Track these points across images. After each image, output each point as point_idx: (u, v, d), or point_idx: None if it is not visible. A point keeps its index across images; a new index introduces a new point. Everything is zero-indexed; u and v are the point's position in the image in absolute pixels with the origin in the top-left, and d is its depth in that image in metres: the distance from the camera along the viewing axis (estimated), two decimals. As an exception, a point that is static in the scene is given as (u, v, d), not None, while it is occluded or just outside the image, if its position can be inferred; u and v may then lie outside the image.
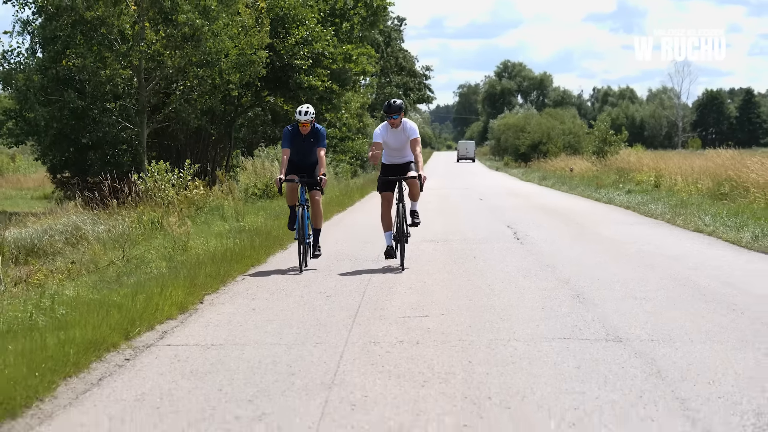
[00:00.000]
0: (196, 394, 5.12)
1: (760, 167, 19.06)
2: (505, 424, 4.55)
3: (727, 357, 6.01)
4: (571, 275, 9.79)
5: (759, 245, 12.74)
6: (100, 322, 6.41)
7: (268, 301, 8.26)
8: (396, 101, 10.47)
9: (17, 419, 4.69)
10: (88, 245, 13.19)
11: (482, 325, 7.04)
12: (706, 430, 4.44)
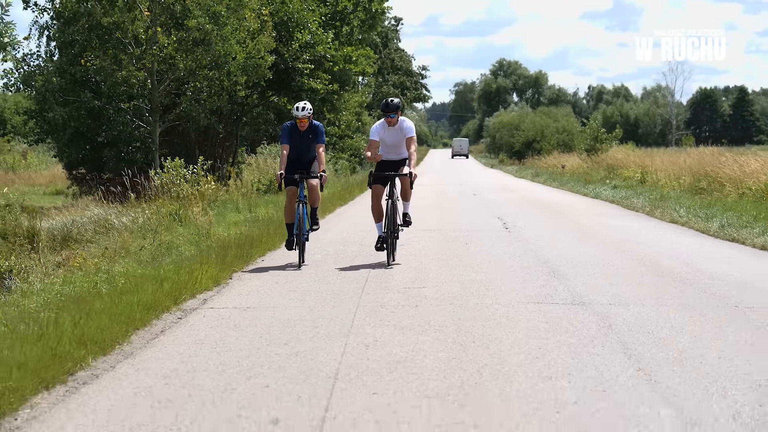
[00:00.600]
0: (242, 340, 6.50)
1: (733, 163, 20.47)
2: (483, 357, 5.92)
3: (668, 316, 7.39)
4: (550, 257, 11.18)
5: (724, 233, 14.13)
6: (154, 290, 7.79)
7: (287, 276, 9.64)
8: (393, 100, 10.59)
9: (107, 355, 6.06)
10: (117, 234, 14.56)
11: (470, 293, 8.43)
12: (636, 360, 5.82)
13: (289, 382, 5.30)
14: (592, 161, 41.33)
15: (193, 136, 25.50)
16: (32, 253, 13.41)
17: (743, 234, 13.61)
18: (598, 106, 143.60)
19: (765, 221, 14.25)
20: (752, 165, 19.75)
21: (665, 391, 5.10)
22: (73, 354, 5.65)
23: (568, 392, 5.09)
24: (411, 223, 11.09)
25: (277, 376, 5.41)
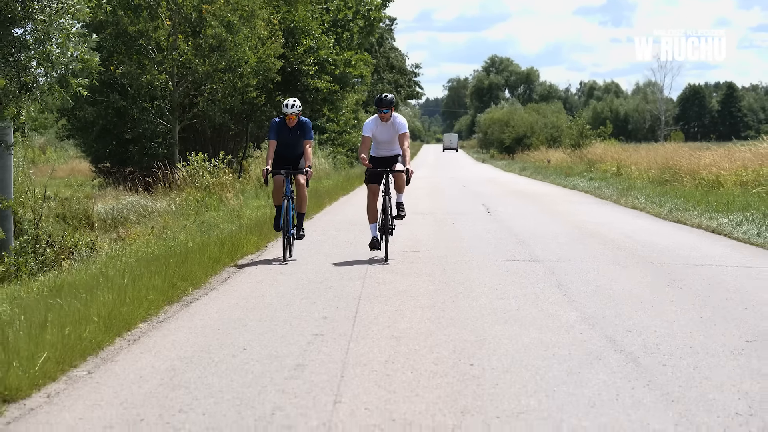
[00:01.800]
0: (289, 280, 9.12)
1: (690, 157, 23.17)
2: (459, 288, 8.57)
3: (597, 268, 10.05)
4: (520, 232, 13.85)
5: (671, 216, 16.81)
6: (217, 250, 10.42)
7: (313, 244, 12.26)
8: (387, 96, 10.68)
9: (198, 289, 8.68)
10: (159, 216, 17.19)
11: (453, 254, 11.10)
12: (564, 291, 8.46)
13: (329, 301, 7.94)
14: (576, 156, 43.99)
15: (209, 132, 28.09)
16: (90, 232, 16.02)
17: (685, 216, 16.28)
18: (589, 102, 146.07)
19: (705, 206, 16.92)
20: (707, 159, 22.45)
21: (577, 305, 7.76)
22: (179, 285, 8.29)
23: (513, 304, 7.75)
24: (405, 215, 11.19)
25: (319, 299, 8.05)
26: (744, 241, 12.87)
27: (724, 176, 20.82)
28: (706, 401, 4.89)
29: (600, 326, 6.86)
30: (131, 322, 6.82)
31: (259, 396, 4.96)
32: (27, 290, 8.11)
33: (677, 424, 4.49)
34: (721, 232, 14.02)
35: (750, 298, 8.15)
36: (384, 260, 10.45)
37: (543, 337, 6.47)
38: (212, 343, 6.29)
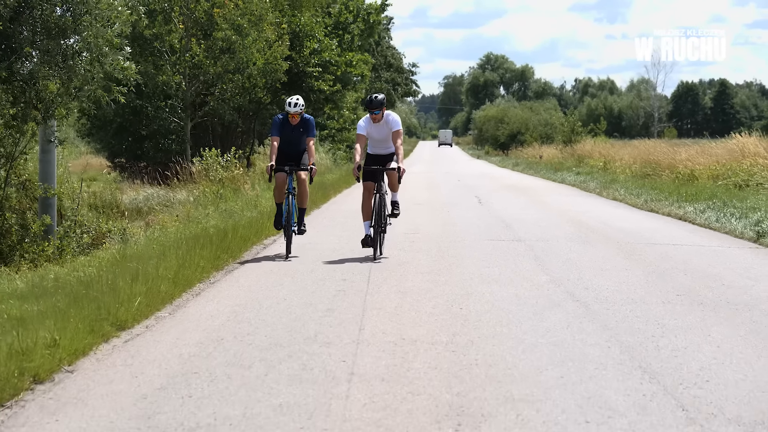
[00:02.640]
0: (310, 253, 10.87)
1: (668, 152, 24.95)
2: (452, 260, 10.33)
3: (570, 246, 11.81)
4: (506, 218, 15.62)
5: (646, 206, 18.59)
6: (246, 231, 12.17)
7: (326, 228, 14.00)
8: (377, 96, 10.67)
9: (236, 261, 10.43)
10: (180, 205, 18.93)
11: (448, 235, 12.86)
12: (540, 263, 10.21)
13: (345, 268, 9.69)
14: (567, 152, 45.76)
15: (219, 129, 29.83)
16: (121, 220, 17.75)
17: (658, 206, 18.06)
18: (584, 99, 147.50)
19: (676, 196, 18.68)
20: (683, 154, 24.24)
21: (548, 272, 9.52)
22: (222, 257, 10.06)
23: (496, 271, 9.51)
24: (399, 214, 11.27)
25: (338, 267, 9.80)
26: (704, 226, 14.64)
27: (699, 170, 22.59)
28: (633, 330, 6.65)
29: (563, 285, 8.62)
30: (191, 282, 8.57)
31: (303, 326, 6.72)
32: (98, 259, 9.85)
33: (608, 341, 6.25)
34: (686, 219, 15.80)
35: (691, 268, 9.92)
36: (374, 258, 10.45)
37: (517, 291, 8.24)
38: (259, 296, 8.04)
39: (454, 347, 6.04)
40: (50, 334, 5.70)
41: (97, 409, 4.69)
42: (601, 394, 4.93)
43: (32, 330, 5.71)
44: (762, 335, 6.49)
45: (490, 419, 4.50)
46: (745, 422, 4.47)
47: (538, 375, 5.34)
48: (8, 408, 4.73)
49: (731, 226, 13.84)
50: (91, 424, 4.43)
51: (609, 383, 5.16)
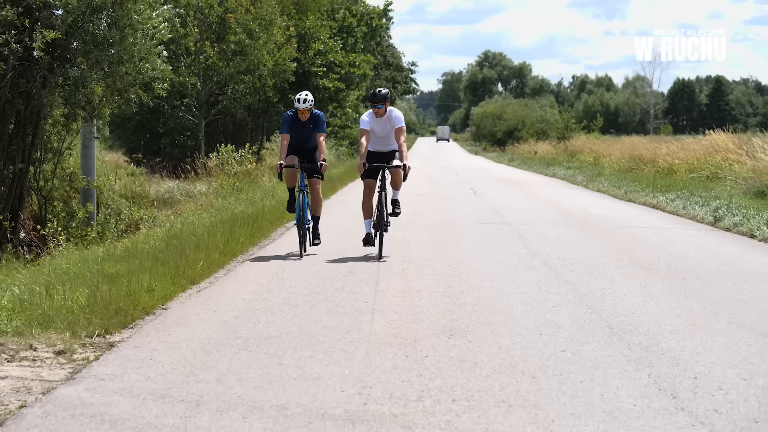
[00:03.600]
0: (329, 233, 12.81)
1: (650, 148, 26.90)
2: (449, 237, 12.26)
3: (551, 228, 13.74)
4: (498, 206, 17.56)
5: (625, 196, 20.53)
6: (272, 215, 14.10)
7: (338, 214, 15.94)
8: (381, 90, 10.53)
9: (267, 239, 12.36)
10: (203, 196, 20.86)
11: (445, 220, 14.80)
12: (524, 242, 12.14)
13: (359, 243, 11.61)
14: (560, 148, 47.68)
15: (231, 127, 31.76)
16: (151, 209, 19.65)
17: (636, 196, 20.00)
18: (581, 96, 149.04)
19: (653, 188, 20.61)
20: (663, 150, 26.19)
21: (527, 246, 11.45)
22: (256, 235, 12.00)
23: (485, 245, 11.44)
24: (400, 213, 11.15)
25: (353, 242, 11.73)
26: (672, 213, 16.59)
27: (677, 164, 24.53)
28: (587, 283, 8.58)
29: (539, 256, 10.56)
30: (235, 253, 10.52)
31: (332, 281, 8.66)
32: (152, 237, 11.77)
33: (566, 291, 8.18)
34: (658, 207, 17.74)
35: (649, 244, 11.87)
36: (378, 257, 10.31)
37: (501, 259, 10.19)
38: (291, 264, 9.98)
39: (448, 294, 7.98)
40: (147, 283, 7.63)
41: (194, 328, 6.62)
42: (554, 320, 6.87)
43: (133, 281, 7.64)
44: (686, 288, 8.42)
45: (473, 333, 6.44)
46: (651, 334, 6.40)
47: (510, 310, 7.28)
48: (131, 328, 6.66)
49: (694, 213, 15.78)
50: (194, 337, 6.35)
51: (561, 314, 7.10)
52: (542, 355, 5.79)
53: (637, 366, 5.51)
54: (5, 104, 13.61)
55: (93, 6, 14.15)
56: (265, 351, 5.89)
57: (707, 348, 5.99)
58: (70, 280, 7.76)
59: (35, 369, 5.55)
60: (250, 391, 4.96)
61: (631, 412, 4.59)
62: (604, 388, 5.03)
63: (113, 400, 4.83)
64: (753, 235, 12.77)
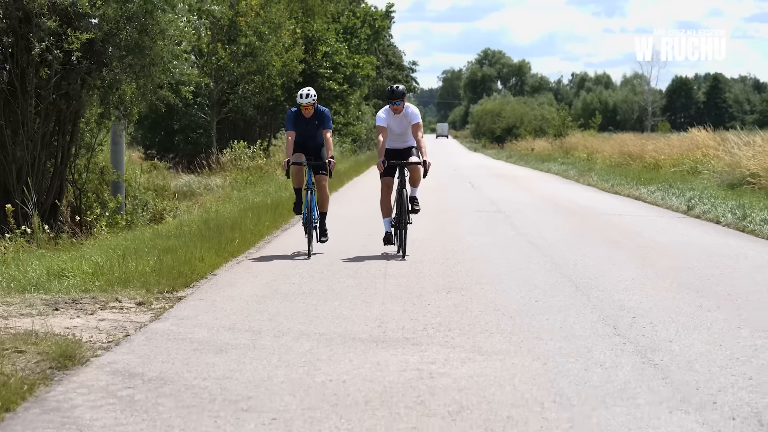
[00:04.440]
0: (342, 219, 14.43)
1: (637, 144, 28.52)
2: (448, 222, 13.90)
3: (539, 215, 15.36)
4: (493, 198, 19.18)
5: (612, 189, 22.17)
6: (289, 204, 15.71)
7: (347, 203, 17.56)
8: (399, 87, 10.37)
9: (287, 224, 14.00)
10: (220, 189, 22.49)
11: (444, 208, 16.44)
12: (514, 227, 13.77)
13: (370, 225, 13.23)
14: (556, 145, 49.31)
15: (242, 124, 33.39)
16: (173, 200, 21.25)
17: (621, 189, 21.63)
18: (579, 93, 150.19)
19: (637, 181, 22.23)
20: (649, 146, 27.82)
21: (515, 229, 13.07)
22: (278, 220, 13.63)
23: (478, 228, 13.07)
24: (419, 210, 10.91)
25: (364, 224, 13.35)
26: (651, 203, 18.22)
27: (662, 160, 26.16)
28: (563, 256, 10.20)
29: (525, 236, 12.20)
30: (262, 234, 12.17)
31: (355, 241, 10.31)
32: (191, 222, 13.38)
33: (544, 261, 9.80)
34: (640, 198, 19.38)
35: (623, 227, 13.50)
36: (402, 256, 10.16)
37: (492, 239, 11.82)
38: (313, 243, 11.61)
39: (447, 263, 9.63)
40: (198, 254, 9.27)
41: (242, 287, 8.24)
42: (531, 281, 8.50)
43: (187, 253, 9.28)
44: (645, 260, 10.05)
45: (466, 289, 8.06)
46: (607, 291, 8.02)
47: (496, 274, 8.92)
48: (192, 288, 8.29)
49: (671, 203, 17.42)
50: (243, 293, 7.98)
51: (537, 277, 8.73)
52: (519, 303, 7.43)
53: (591, 310, 7.15)
54: (48, 105, 15.19)
55: (127, 15, 15.70)
56: (302, 302, 7.52)
57: (649, 300, 7.62)
58: (133, 252, 9.39)
59: (124, 314, 7.17)
60: (296, 325, 6.59)
61: (581, 336, 6.22)
62: (564, 323, 6.66)
63: (194, 330, 6.45)
64: (719, 221, 14.39)
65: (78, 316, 7.02)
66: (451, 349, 5.86)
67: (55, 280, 8.16)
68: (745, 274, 9.08)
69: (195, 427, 4.32)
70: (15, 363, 5.30)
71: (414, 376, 5.18)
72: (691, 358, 5.62)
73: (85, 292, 7.81)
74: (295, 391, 4.90)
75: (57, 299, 7.54)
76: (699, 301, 7.55)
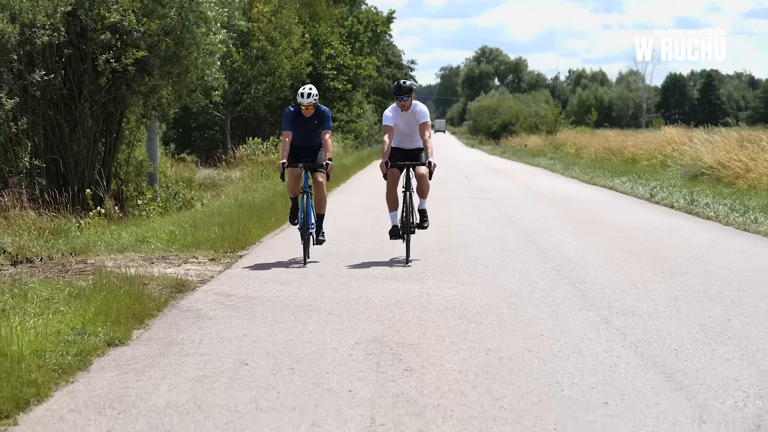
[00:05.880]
0: (352, 207, 17.04)
1: (615, 139, 31.16)
2: (442, 207, 16.52)
3: (522, 201, 17.98)
4: (484, 188, 21.81)
5: (591, 180, 24.81)
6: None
7: (354, 189, 20.14)
8: (406, 82, 9.86)
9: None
10: (239, 181, 25.11)
11: (440, 196, 19.05)
12: (503, 213, 16.39)
13: (377, 211, 15.83)
14: (548, 141, 51.89)
15: (254, 122, 36.01)
16: (199, 190, 23.86)
17: (598, 180, 24.26)
18: (576, 90, 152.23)
19: (613, 172, 24.83)
20: (628, 142, 30.45)
21: (500, 211, 15.69)
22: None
23: (468, 210, 15.70)
24: (428, 227, 10.46)
25: (371, 209, 15.95)
26: (621, 192, 20.85)
27: (639, 154, 28.78)
28: (533, 230, 12.81)
29: (505, 216, 14.82)
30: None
31: (366, 220, 12.91)
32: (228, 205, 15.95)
33: (518, 233, 12.42)
34: (613, 188, 22.00)
35: (591, 211, 16.13)
36: (405, 261, 9.83)
37: (478, 219, 14.45)
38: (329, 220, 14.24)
39: (440, 234, 12.26)
40: (247, 227, 11.89)
41: (284, 251, 10.85)
42: (505, 246, 11.11)
43: (240, 226, 11.89)
44: (599, 233, 12.66)
45: (454, 251, 10.68)
46: (563, 252, 10.63)
47: (479, 242, 11.54)
48: (246, 250, 10.89)
49: (638, 191, 20.04)
50: (286, 253, 10.57)
51: (511, 243, 11.35)
52: (493, 258, 10.06)
53: (545, 262, 9.78)
54: (100, 107, 17.75)
55: (166, 30, 18.27)
56: (333, 258, 10.14)
57: (590, 255, 10.25)
58: (196, 226, 12.01)
59: (203, 266, 9.78)
60: (333, 270, 9.22)
61: (533, 275, 8.85)
62: (522, 269, 9.29)
63: (259, 273, 9.07)
64: (673, 206, 17.00)
65: (169, 267, 9.64)
66: (442, 282, 8.51)
67: (142, 245, 10.78)
68: (672, 242, 11.72)
69: (280, 317, 6.94)
70: (147, 289, 7.91)
71: (417, 294, 7.83)
72: (605, 287, 8.26)
73: (168, 253, 10.43)
74: (340, 301, 7.54)
75: (150, 257, 10.17)
76: (627, 257, 10.19)
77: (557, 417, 4.49)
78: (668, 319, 6.85)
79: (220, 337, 6.24)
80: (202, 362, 5.55)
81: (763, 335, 6.32)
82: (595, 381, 5.11)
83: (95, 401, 4.75)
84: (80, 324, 6.11)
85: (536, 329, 6.47)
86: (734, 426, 4.34)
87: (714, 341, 6.11)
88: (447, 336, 6.25)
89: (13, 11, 15.89)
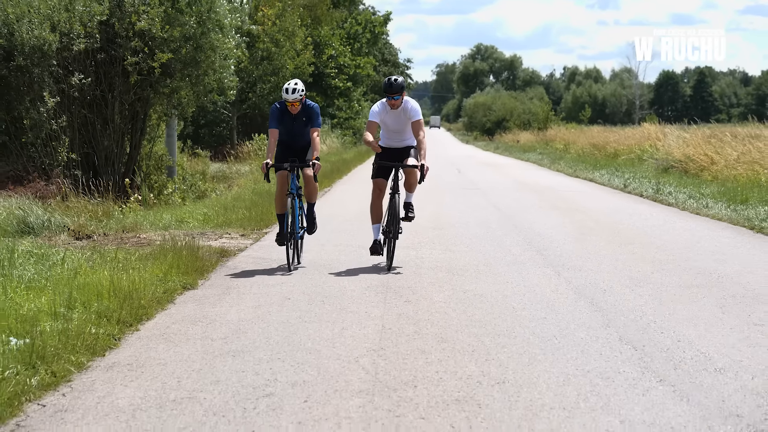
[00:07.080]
0: (356, 194, 19.06)
1: (600, 135, 33.21)
2: (435, 197, 18.56)
3: (508, 191, 20.02)
4: (475, 180, 23.85)
5: (575, 174, 26.87)
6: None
7: (356, 180, 22.16)
8: (397, 79, 9.27)
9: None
10: (248, 174, 27.11)
11: (433, 188, 21.08)
12: (491, 202, 18.42)
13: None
14: (540, 137, 53.92)
15: (259, 119, 38.01)
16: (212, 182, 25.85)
17: (580, 173, 26.32)
18: (570, 87, 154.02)
19: (594, 166, 26.87)
20: (611, 138, 32.51)
21: (488, 200, 17.72)
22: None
23: (459, 200, 17.73)
24: (414, 217, 10.04)
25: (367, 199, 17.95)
26: (600, 183, 22.90)
27: (621, 149, 30.83)
28: (516, 215, 14.86)
29: (492, 203, 16.85)
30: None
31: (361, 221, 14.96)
32: (248, 191, 17.94)
33: (502, 217, 14.46)
34: (592, 180, 24.06)
35: (567, 199, 18.16)
36: (387, 268, 9.32)
37: (467, 205, 16.48)
38: (333, 209, 16.25)
39: (434, 218, 14.30)
40: (268, 210, 13.91)
41: (302, 228, 12.89)
42: (488, 225, 13.15)
43: (263, 209, 13.91)
44: (571, 217, 14.69)
45: (445, 229, 12.72)
46: (539, 232, 12.67)
47: (467, 223, 13.57)
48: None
49: (613, 183, 22.09)
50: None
51: (493, 224, 13.39)
52: (476, 234, 12.11)
53: (519, 236, 11.83)
54: (128, 106, 19.73)
55: (186, 36, 20.26)
56: (345, 234, 12.19)
57: (559, 233, 12.28)
58: (225, 209, 14.03)
59: (236, 240, 11.80)
60: (345, 240, 11.26)
61: (508, 247, 10.88)
62: (499, 241, 11.33)
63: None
64: (642, 194, 19.05)
65: (209, 241, 11.66)
66: (433, 249, 10.56)
67: (182, 224, 12.81)
68: (630, 222, 13.77)
69: (308, 272, 8.96)
70: (197, 254, 9.92)
71: (413, 257, 9.88)
72: (563, 253, 10.31)
73: (204, 230, 12.46)
74: (353, 262, 9.58)
75: (190, 232, 12.19)
76: (588, 233, 12.25)
77: (510, 324, 6.55)
78: (606, 273, 8.91)
79: (265, 283, 8.28)
80: (256, 298, 7.59)
81: (674, 282, 8.37)
82: (541, 307, 7.17)
83: (188, 318, 6.79)
84: (162, 273, 8.15)
85: (504, 278, 8.53)
86: (626, 328, 6.40)
87: (636, 285, 8.17)
88: (436, 282, 8.30)
89: (52, 21, 17.90)
